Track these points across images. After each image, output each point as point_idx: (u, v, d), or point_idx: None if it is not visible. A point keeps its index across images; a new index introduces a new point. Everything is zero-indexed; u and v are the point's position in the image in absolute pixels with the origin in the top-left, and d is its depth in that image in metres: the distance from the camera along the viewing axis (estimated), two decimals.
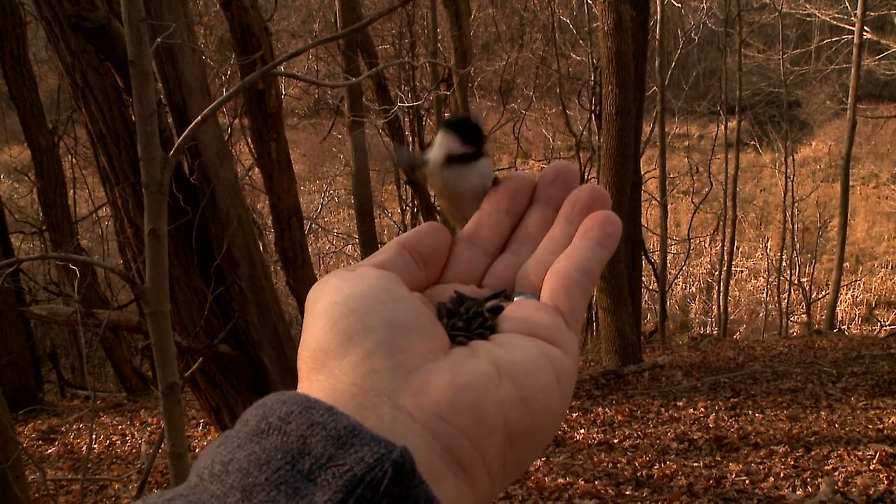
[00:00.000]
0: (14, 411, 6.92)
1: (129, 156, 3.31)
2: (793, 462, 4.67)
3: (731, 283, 15.79)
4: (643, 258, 10.40)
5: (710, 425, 5.59)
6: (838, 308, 15.22)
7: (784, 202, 15.81)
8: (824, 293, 15.17)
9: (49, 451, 6.33)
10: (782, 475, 4.49)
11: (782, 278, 15.81)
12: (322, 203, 17.45)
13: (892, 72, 18.63)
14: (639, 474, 4.74)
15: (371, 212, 10.22)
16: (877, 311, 17.20)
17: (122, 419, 7.25)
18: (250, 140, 6.63)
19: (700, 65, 21.87)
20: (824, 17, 18.17)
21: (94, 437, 6.49)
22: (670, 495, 4.36)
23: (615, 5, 6.49)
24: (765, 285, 17.57)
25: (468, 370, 0.38)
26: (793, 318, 16.02)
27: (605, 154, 7.03)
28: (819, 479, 4.34)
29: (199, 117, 1.87)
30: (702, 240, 18.21)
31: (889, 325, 14.83)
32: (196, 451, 5.62)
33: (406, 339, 0.39)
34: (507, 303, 0.47)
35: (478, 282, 0.51)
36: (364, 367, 0.37)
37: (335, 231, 17.76)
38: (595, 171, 11.96)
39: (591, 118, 12.62)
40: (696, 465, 4.81)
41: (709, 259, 19.22)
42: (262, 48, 3.85)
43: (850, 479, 4.28)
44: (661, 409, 6.10)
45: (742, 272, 19.08)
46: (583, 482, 4.60)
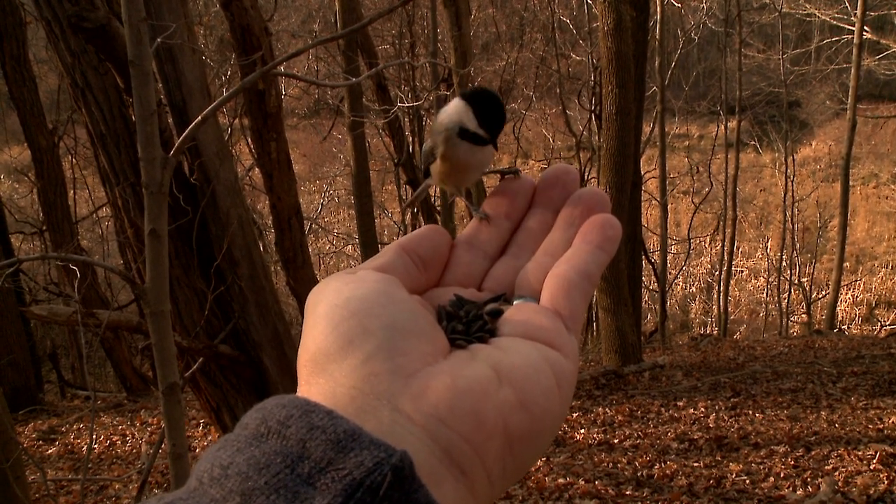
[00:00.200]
0: (14, 411, 6.92)
1: (130, 156, 3.31)
2: (793, 462, 4.67)
3: (732, 283, 15.79)
4: (643, 258, 10.40)
5: (711, 425, 5.59)
6: (838, 308, 15.22)
7: (784, 202, 15.81)
8: (824, 293, 15.17)
9: (49, 451, 6.33)
10: (782, 475, 4.49)
11: (782, 278, 15.80)
12: (322, 203, 17.45)
13: (891, 72, 18.62)
14: (639, 474, 4.74)
15: (371, 212, 10.22)
16: (877, 311, 17.20)
17: (123, 419, 7.25)
18: (250, 140, 6.63)
19: (700, 65, 21.87)
20: (824, 17, 18.16)
21: (94, 437, 6.49)
22: (670, 495, 4.36)
23: (615, 5, 6.49)
24: (765, 285, 17.58)
25: (468, 374, 0.38)
26: (793, 318, 16.02)
27: (606, 154, 7.03)
28: (819, 479, 4.34)
29: (199, 117, 1.87)
30: (702, 240, 18.21)
31: (889, 325, 14.82)
32: (196, 451, 5.62)
33: (406, 343, 0.39)
34: (506, 306, 0.47)
35: (478, 285, 0.51)
36: (364, 371, 0.37)
37: (335, 231, 17.77)
38: (595, 171, 11.96)
39: (591, 118, 12.62)
40: (696, 465, 4.81)
41: (709, 259, 19.22)
42: (262, 48, 3.85)
43: (850, 479, 4.28)
44: (662, 409, 6.10)
45: (742, 272, 19.09)
46: (583, 482, 4.60)
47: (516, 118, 14.80)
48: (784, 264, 16.06)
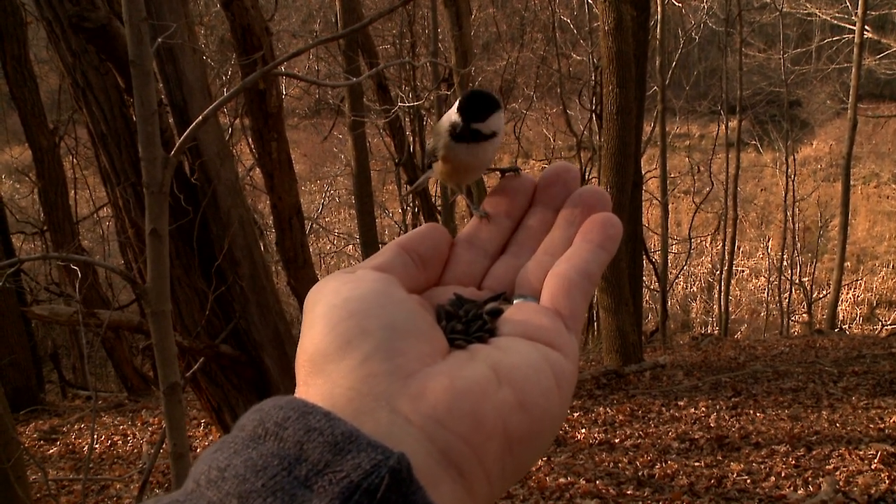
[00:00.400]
0: (16, 411, 6.92)
1: (130, 156, 3.31)
2: (794, 461, 4.66)
3: (732, 282, 15.79)
4: (644, 258, 10.38)
5: (712, 425, 5.59)
6: (839, 307, 15.21)
7: (785, 202, 15.80)
8: (825, 293, 15.16)
9: (50, 451, 6.33)
10: (783, 475, 4.49)
11: (783, 278, 15.79)
12: (323, 203, 17.46)
13: (892, 71, 18.61)
14: (640, 474, 4.74)
15: (372, 212, 10.23)
16: (878, 311, 17.19)
17: (124, 419, 7.26)
18: (251, 140, 6.63)
19: (701, 64, 21.88)
20: (825, 17, 18.16)
21: (95, 437, 6.49)
22: (671, 495, 4.35)
23: (616, 5, 6.48)
24: (766, 285, 17.56)
25: (467, 374, 0.38)
26: (794, 318, 16.01)
27: (606, 154, 7.03)
28: (820, 479, 4.33)
29: (200, 117, 1.87)
30: (703, 239, 18.20)
31: (890, 325, 14.81)
32: (197, 450, 5.62)
33: (404, 343, 0.39)
34: (506, 305, 0.46)
35: (477, 283, 0.51)
36: (362, 371, 0.37)
37: (336, 231, 17.78)
38: (596, 170, 11.95)
39: (591, 118, 12.61)
40: (697, 464, 4.81)
41: (710, 259, 19.21)
42: (262, 48, 3.85)
43: (851, 479, 4.27)
44: (663, 408, 6.10)
45: (743, 272, 19.08)
46: (584, 482, 4.60)
47: (517, 118, 14.79)
48: (785, 264, 16.05)
